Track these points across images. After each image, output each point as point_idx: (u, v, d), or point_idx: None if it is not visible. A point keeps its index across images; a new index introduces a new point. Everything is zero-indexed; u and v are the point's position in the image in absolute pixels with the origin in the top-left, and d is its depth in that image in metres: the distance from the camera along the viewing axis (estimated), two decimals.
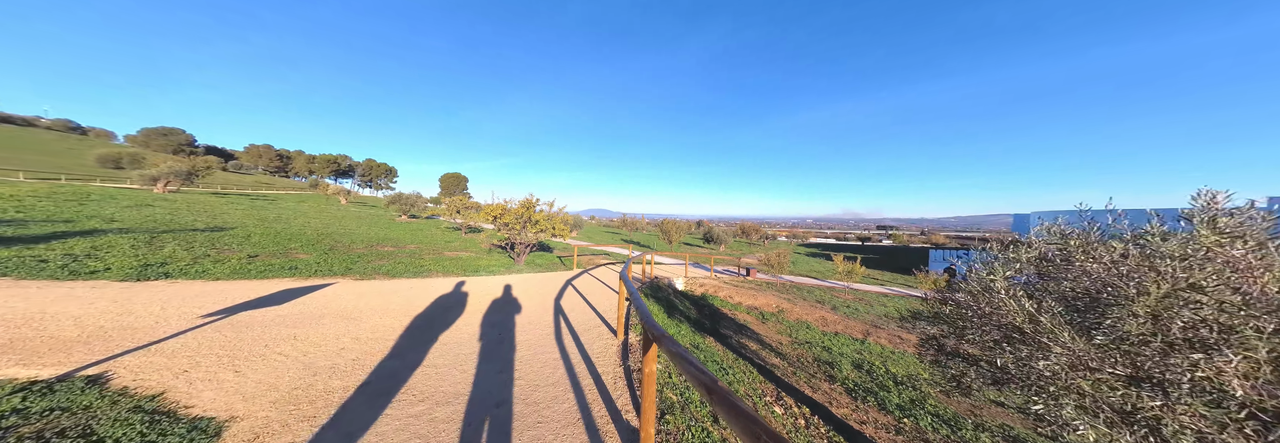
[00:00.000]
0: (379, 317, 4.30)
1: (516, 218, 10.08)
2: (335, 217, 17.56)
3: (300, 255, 7.67)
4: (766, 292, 10.19)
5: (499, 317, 4.69)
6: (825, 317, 7.95)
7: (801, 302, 9.46)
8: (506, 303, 5.48)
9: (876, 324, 7.80)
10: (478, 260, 9.85)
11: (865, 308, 9.58)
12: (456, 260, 9.55)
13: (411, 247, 10.99)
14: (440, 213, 15.32)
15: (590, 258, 13.44)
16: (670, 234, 18.57)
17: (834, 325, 7.54)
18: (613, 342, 3.99)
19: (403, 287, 6.15)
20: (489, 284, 6.95)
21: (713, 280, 11.09)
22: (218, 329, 3.53)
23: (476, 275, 7.96)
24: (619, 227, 41.25)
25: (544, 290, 6.60)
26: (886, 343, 6.68)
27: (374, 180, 77.24)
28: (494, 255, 11.28)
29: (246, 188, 38.20)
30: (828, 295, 11.01)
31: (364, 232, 13.07)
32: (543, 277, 8.41)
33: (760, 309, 8.36)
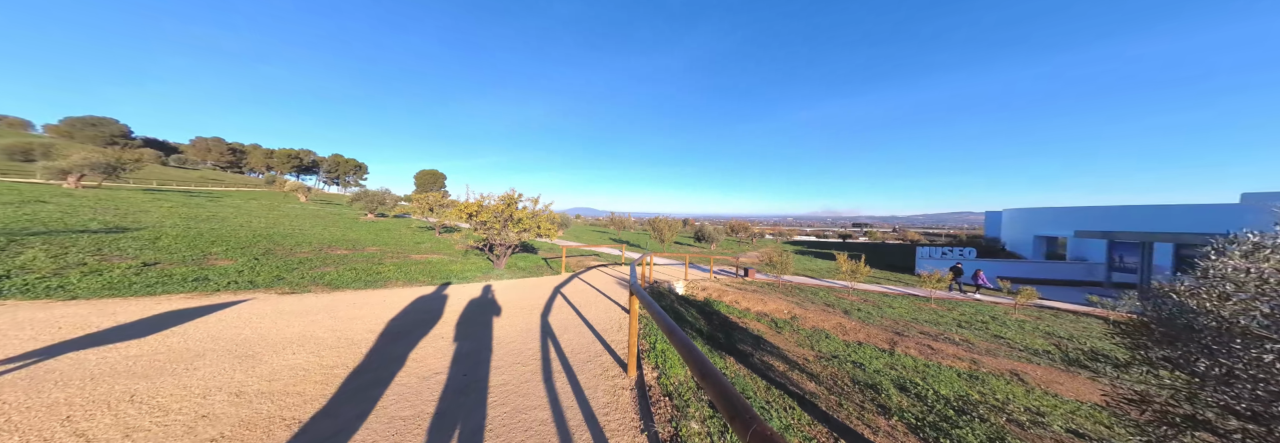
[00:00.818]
0: (291, 353, 3.06)
1: (496, 216, 8.82)
2: (287, 216, 15.58)
3: (219, 262, 6.18)
4: (771, 295, 9.38)
5: (469, 344, 3.54)
6: (842, 323, 7.18)
7: (811, 306, 8.70)
8: (480, 321, 4.32)
9: (898, 331, 7.09)
10: (450, 265, 8.54)
11: (876, 311, 8.94)
12: (424, 265, 8.21)
13: (372, 249, 9.52)
14: (411, 211, 13.76)
15: (580, 260, 12.28)
16: (663, 233, 17.64)
17: (854, 334, 6.77)
18: (622, 381, 2.93)
19: (346, 302, 4.86)
20: (461, 295, 5.74)
21: (713, 283, 10.19)
22: (9, 385, 2.23)
23: (447, 284, 6.70)
24: (607, 225, 39.96)
25: (528, 302, 5.46)
26: (917, 353, 5.93)
27: (341, 177, 72.50)
28: (470, 258, 9.96)
29: (189, 184, 34.52)
30: (834, 297, 10.34)
31: (317, 232, 11.41)
32: (526, 284, 7.24)
33: (772, 316, 7.51)
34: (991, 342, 7.09)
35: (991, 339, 7.40)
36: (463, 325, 4.13)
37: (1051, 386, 4.98)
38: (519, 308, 5.09)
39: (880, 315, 8.41)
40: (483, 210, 8.60)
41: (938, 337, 6.94)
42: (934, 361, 5.66)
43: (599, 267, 10.66)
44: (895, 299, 11.24)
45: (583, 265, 11.14)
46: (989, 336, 7.69)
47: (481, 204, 8.73)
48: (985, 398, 4.47)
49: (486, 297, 5.72)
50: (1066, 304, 12.44)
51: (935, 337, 6.95)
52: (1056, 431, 3.78)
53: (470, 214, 8.52)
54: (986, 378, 5.07)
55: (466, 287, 6.51)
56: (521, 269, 9.38)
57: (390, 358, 3.09)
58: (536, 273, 9.00)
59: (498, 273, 8.40)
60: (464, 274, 7.77)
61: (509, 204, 9.04)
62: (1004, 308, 11.38)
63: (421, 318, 4.33)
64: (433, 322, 4.21)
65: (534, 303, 5.43)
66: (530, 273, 8.94)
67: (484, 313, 4.72)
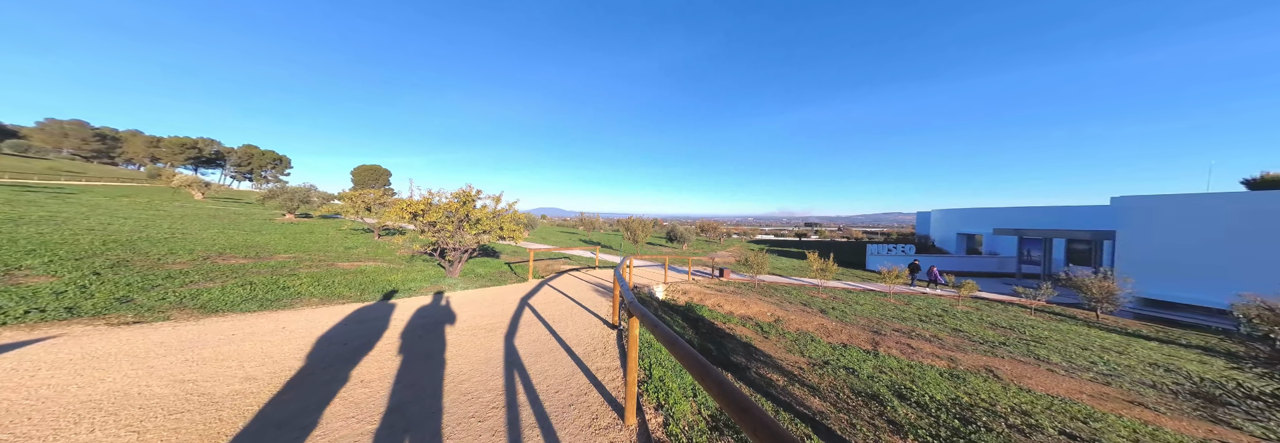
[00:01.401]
0: (84, 431, 1.92)
1: (448, 215, 7.61)
2: (169, 216, 12.63)
3: (30, 280, 4.45)
4: (749, 296, 9.20)
5: (406, 391, 2.63)
6: (824, 325, 7.12)
7: (790, 306, 8.64)
8: (424, 351, 3.39)
9: (875, 330, 7.17)
10: (389, 274, 7.20)
11: (848, 309, 9.12)
12: (354, 276, 6.82)
13: (283, 257, 7.80)
14: (342, 211, 11.75)
15: (549, 264, 11.26)
16: (636, 234, 17.06)
17: (837, 335, 6.70)
18: (619, 435, 2.22)
19: (221, 332, 3.62)
20: (402, 313, 4.67)
21: (693, 285, 9.80)
22: None
23: (386, 298, 5.51)
24: (576, 226, 38.39)
25: (489, 319, 4.56)
26: (898, 353, 5.95)
27: (256, 172, 62.45)
28: (417, 266, 8.59)
29: (31, 176, 27.29)
30: (807, 296, 10.47)
31: (208, 237, 9.22)
32: (487, 295, 6.23)
33: (756, 320, 7.25)
34: (954, 336, 7.43)
35: (952, 332, 7.80)
36: (400, 359, 3.18)
37: (1022, 380, 5.16)
38: (477, 328, 4.18)
39: (853, 314, 8.56)
40: (432, 209, 7.36)
41: (910, 334, 7.11)
42: (915, 360, 5.68)
43: (571, 271, 9.78)
44: (859, 296, 11.71)
45: (552, 270, 10.18)
46: (948, 329, 8.12)
47: (430, 202, 7.47)
48: (974, 399, 4.46)
49: (436, 314, 4.71)
50: (997, 295, 13.84)
51: (908, 334, 7.12)
52: (1051, 434, 3.76)
53: (415, 213, 7.24)
54: (966, 376, 5.13)
55: (410, 302, 5.39)
56: (481, 277, 8.24)
57: (272, 424, 2.10)
58: (499, 281, 7.94)
59: (451, 282, 7.23)
60: (408, 285, 6.54)
61: (465, 202, 7.88)
62: (949, 301, 12.38)
63: (339, 351, 3.29)
64: (356, 356, 3.20)
65: (497, 320, 4.54)
66: (491, 281, 7.85)
67: (431, 337, 3.76)
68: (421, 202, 7.36)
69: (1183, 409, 4.58)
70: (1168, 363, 6.62)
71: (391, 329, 3.94)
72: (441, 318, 4.53)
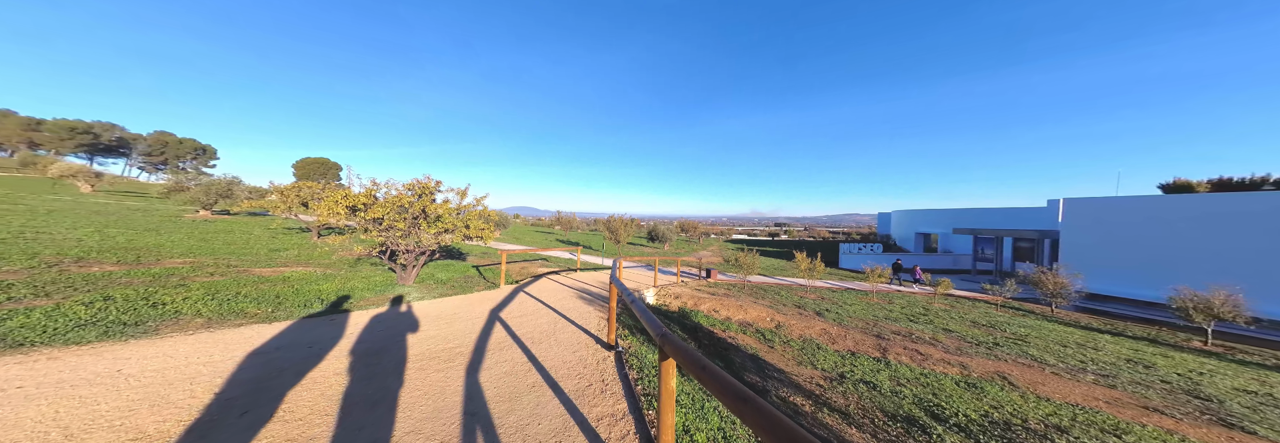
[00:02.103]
0: None
1: (399, 211, 6.35)
2: (29, 211, 10.06)
3: None
4: (743, 298, 8.67)
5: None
6: (826, 330, 6.68)
7: (785, 309, 8.19)
8: (354, 399, 2.36)
9: (876, 334, 6.84)
10: (321, 283, 5.86)
11: (842, 310, 8.85)
12: (272, 286, 5.43)
13: (177, 262, 6.18)
14: (270, 207, 9.87)
15: (524, 266, 10.10)
16: (618, 233, 16.15)
17: (841, 341, 6.27)
18: None
19: (10, 381, 2.36)
20: (328, 336, 3.53)
21: (683, 288, 9.11)
22: None
23: (314, 314, 4.27)
24: (552, 225, 36.56)
25: (448, 342, 3.55)
26: (908, 361, 5.59)
27: (172, 163, 54.30)
28: (362, 271, 7.20)
29: None
30: (797, 297, 10.14)
31: (77, 237, 7.25)
32: (448, 307, 5.12)
33: (756, 326, 6.67)
34: (949, 337, 7.28)
35: (944, 332, 7.70)
36: (311, 419, 2.14)
37: (1036, 387, 4.94)
38: (431, 356, 3.17)
39: (848, 315, 8.27)
40: (377, 203, 6.06)
41: (910, 336, 6.85)
42: (927, 367, 5.32)
43: (550, 275, 8.74)
44: (845, 295, 11.62)
45: (529, 274, 9.08)
46: (938, 329, 8.03)
47: (374, 194, 6.15)
48: (1004, 414, 4.10)
49: (376, 337, 3.61)
50: (964, 292, 14.38)
51: (908, 336, 6.86)
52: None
53: (354, 208, 5.91)
54: (983, 386, 4.82)
55: (344, 320, 4.20)
56: (442, 284, 7.03)
57: None
58: (465, 288, 6.77)
59: (403, 291, 6.00)
60: (345, 297, 5.26)
61: (422, 195, 6.63)
62: (925, 298, 12.68)
63: (218, 406, 2.18)
64: (221, 422, 2.10)
65: (458, 343, 3.54)
66: (455, 289, 6.68)
67: (363, 376, 2.72)
68: (363, 194, 6.04)
69: (1191, 413, 4.48)
70: (1141, 359, 6.81)
71: (300, 366, 2.83)
72: (382, 343, 3.44)
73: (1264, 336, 10.10)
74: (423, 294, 5.93)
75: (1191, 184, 17.10)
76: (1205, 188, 16.80)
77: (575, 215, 30.58)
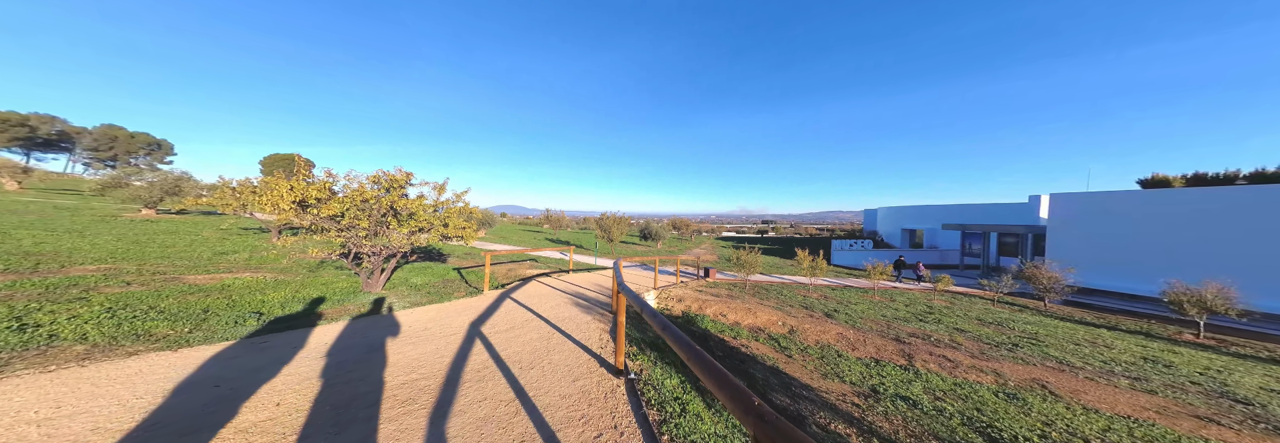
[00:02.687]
0: None
1: (361, 207, 5.46)
2: None
3: None
4: (748, 300, 8.14)
5: None
6: (843, 334, 6.20)
7: (794, 311, 7.70)
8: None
9: (895, 337, 6.40)
10: (267, 292, 4.97)
11: (851, 310, 8.43)
12: (202, 298, 4.53)
13: (88, 269, 5.16)
14: (218, 205, 8.69)
15: (511, 268, 9.28)
16: (611, 232, 15.42)
17: (862, 347, 5.78)
18: None
19: None
20: (245, 370, 2.72)
21: (684, 289, 8.51)
22: None
23: (240, 339, 3.41)
24: (541, 224, 35.34)
25: (408, 375, 2.80)
26: (937, 369, 5.14)
27: (121, 158, 50.14)
28: (323, 276, 6.29)
29: None
30: (801, 297, 9.70)
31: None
32: (419, 321, 4.33)
33: (768, 331, 6.12)
34: (966, 338, 6.93)
35: (956, 332, 7.37)
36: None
37: (1079, 396, 4.56)
38: (387, 397, 2.42)
39: (858, 316, 7.84)
40: (335, 199, 5.16)
41: (928, 338, 6.44)
42: (959, 376, 4.87)
43: (540, 277, 7.98)
44: (847, 293, 11.28)
45: (517, 276, 8.29)
46: (949, 328, 7.71)
47: (330, 187, 5.22)
48: (1056, 429, 3.66)
49: (314, 370, 2.82)
50: (964, 288, 14.32)
51: (925, 339, 6.45)
52: None
53: (304, 204, 4.98)
54: (1025, 396, 4.40)
55: (282, 342, 3.38)
56: (417, 289, 6.19)
57: None
58: (442, 294, 5.96)
59: (369, 300, 5.16)
60: (293, 310, 4.41)
61: (390, 189, 5.75)
62: (923, 295, 12.52)
63: None
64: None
65: (424, 373, 2.79)
66: (432, 295, 5.86)
67: (274, 440, 1.95)
68: (316, 186, 5.12)
69: (1243, 420, 4.15)
70: (1157, 357, 6.61)
71: (187, 423, 2.04)
72: (322, 378, 2.66)
73: (1253, 328, 10.27)
74: (391, 304, 5.10)
75: (1168, 179, 17.64)
76: (1180, 183, 17.36)
77: (564, 214, 29.60)
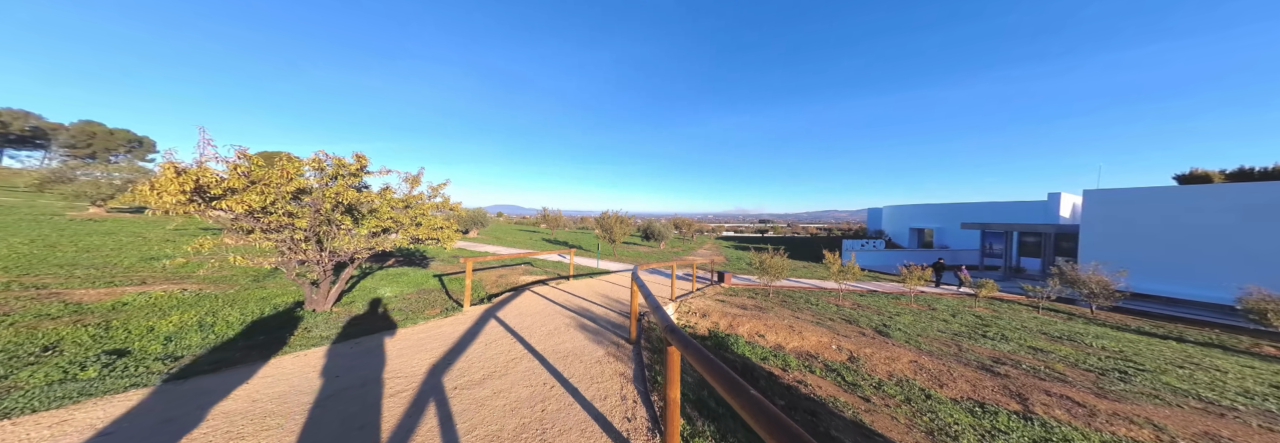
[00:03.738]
0: None
1: (297, 199, 4.13)
2: None
3: None
4: (779, 311, 6.88)
5: None
6: (916, 361, 4.94)
7: (839, 326, 6.45)
8: None
9: (981, 366, 5.14)
10: (170, 315, 3.67)
11: (897, 323, 7.18)
12: (81, 318, 3.20)
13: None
14: (137, 198, 7.22)
15: (502, 274, 7.98)
16: (613, 232, 14.15)
17: (949, 382, 4.52)
18: None
19: None
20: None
21: (704, 300, 7.24)
22: None
23: (51, 407, 2.07)
24: (537, 224, 33.90)
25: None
26: (1065, 416, 3.85)
27: (100, 156, 48.26)
28: (264, 289, 4.97)
29: None
30: (834, 307, 8.45)
31: None
32: (357, 367, 2.99)
33: (821, 358, 4.84)
34: (1058, 362, 5.70)
35: (1032, 352, 6.15)
36: None
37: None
38: None
39: (914, 333, 6.58)
40: (254, 187, 3.78)
41: (1022, 366, 5.17)
42: (1108, 430, 3.59)
43: (536, 285, 6.70)
44: (882, 301, 10.04)
45: (508, 284, 6.99)
46: (1024, 347, 6.49)
47: (246, 173, 3.81)
48: None
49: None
50: (1009, 295, 13.09)
51: (1018, 366, 5.20)
52: None
53: (204, 191, 3.58)
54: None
55: (105, 410, 2.06)
56: (380, 305, 4.87)
57: None
58: (412, 313, 4.65)
59: (309, 323, 3.84)
60: (190, 341, 3.09)
61: (337, 176, 4.42)
62: (959, 301, 11.34)
63: None
64: None
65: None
66: (398, 314, 4.55)
67: None
68: (227, 170, 3.74)
69: None
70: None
71: None
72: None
73: None
74: (331, 332, 3.78)
75: (1209, 175, 16.58)
76: (1221, 179, 16.31)
77: (562, 213, 28.17)
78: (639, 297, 3.81)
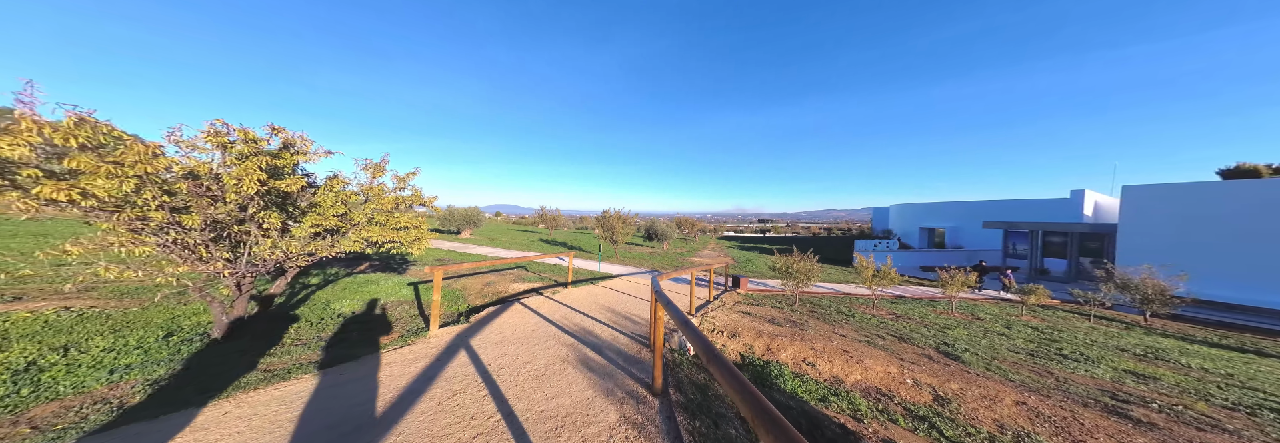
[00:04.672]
0: None
1: (195, 187, 2.96)
2: None
3: None
4: (819, 328, 5.71)
5: None
6: (1026, 402, 3.77)
7: (889, 343, 5.29)
8: None
9: (1105, 405, 3.95)
10: (10, 351, 2.43)
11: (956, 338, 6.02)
12: None
13: None
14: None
15: (489, 280, 6.81)
16: (615, 232, 13.01)
17: (1088, 437, 3.33)
18: None
19: None
20: None
21: (728, 313, 6.07)
22: None
23: None
24: (535, 223, 32.69)
25: None
26: None
27: None
28: (182, 307, 3.78)
29: None
30: (875, 320, 7.30)
31: None
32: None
33: (897, 399, 3.67)
34: (1187, 397, 4.54)
35: (1134, 378, 5.01)
36: None
37: None
38: None
39: (988, 356, 5.42)
40: (106, 164, 2.56)
41: (1178, 417, 3.99)
42: None
43: (527, 296, 5.53)
44: (919, 309, 8.89)
45: (495, 294, 5.83)
46: (1118, 370, 5.35)
47: (84, 142, 2.50)
48: None
49: None
50: (1050, 300, 11.90)
51: (1145, 403, 4.04)
52: None
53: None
54: None
55: None
56: (324, 326, 3.69)
57: None
58: (356, 343, 3.46)
59: (209, 361, 2.65)
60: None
61: (249, 154, 3.23)
62: (1007, 310, 10.20)
63: None
64: None
65: None
66: (342, 343, 3.37)
67: None
68: (61, 133, 2.53)
69: None
70: None
71: None
72: None
73: None
74: (213, 380, 2.61)
75: (1258, 169, 15.47)
76: (1268, 173, 15.21)
77: (560, 213, 26.96)
78: (662, 321, 2.63)
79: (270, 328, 3.79)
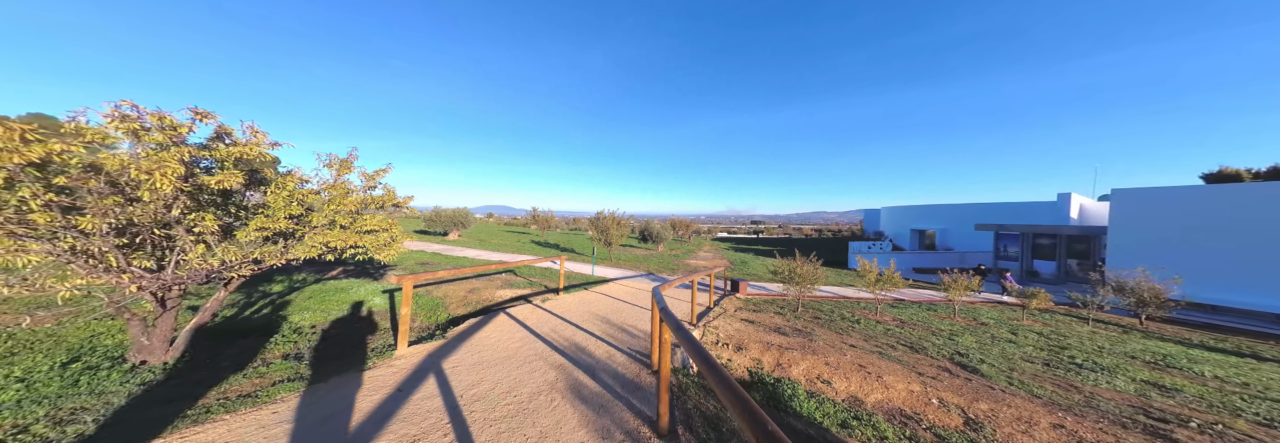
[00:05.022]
0: None
1: (33, 180, 2.41)
2: None
3: None
4: (828, 338, 5.35)
5: None
6: (1063, 424, 3.45)
7: (903, 354, 4.95)
8: None
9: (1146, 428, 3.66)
10: None
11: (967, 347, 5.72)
12: None
13: None
14: None
15: (473, 287, 6.26)
16: (609, 234, 12.51)
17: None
18: None
19: None
20: None
21: (730, 322, 5.66)
22: None
23: None
24: (527, 225, 31.89)
25: None
26: None
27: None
28: (104, 325, 3.16)
29: None
30: (882, 327, 6.99)
31: None
32: None
33: (925, 421, 3.29)
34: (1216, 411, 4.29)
35: (1160, 392, 4.77)
36: None
37: None
38: None
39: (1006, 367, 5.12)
40: None
41: (1181, 420, 3.73)
42: None
43: (513, 305, 5.03)
44: (926, 317, 8.63)
45: (479, 301, 5.31)
46: (1135, 381, 5.11)
47: None
48: None
49: None
50: (1051, 304, 11.80)
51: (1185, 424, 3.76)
52: None
53: None
54: None
55: None
56: (263, 349, 3.14)
57: None
58: (295, 370, 2.93)
59: (106, 396, 2.08)
60: None
61: (169, 144, 2.69)
62: (1007, 314, 10.05)
63: None
64: None
65: None
66: (286, 367, 2.83)
67: None
68: None
69: None
70: None
71: None
72: None
73: None
74: (110, 431, 2.07)
75: (1239, 173, 15.84)
76: (1249, 177, 15.58)
77: (553, 214, 26.29)
78: (667, 344, 2.19)
79: (207, 350, 3.23)
